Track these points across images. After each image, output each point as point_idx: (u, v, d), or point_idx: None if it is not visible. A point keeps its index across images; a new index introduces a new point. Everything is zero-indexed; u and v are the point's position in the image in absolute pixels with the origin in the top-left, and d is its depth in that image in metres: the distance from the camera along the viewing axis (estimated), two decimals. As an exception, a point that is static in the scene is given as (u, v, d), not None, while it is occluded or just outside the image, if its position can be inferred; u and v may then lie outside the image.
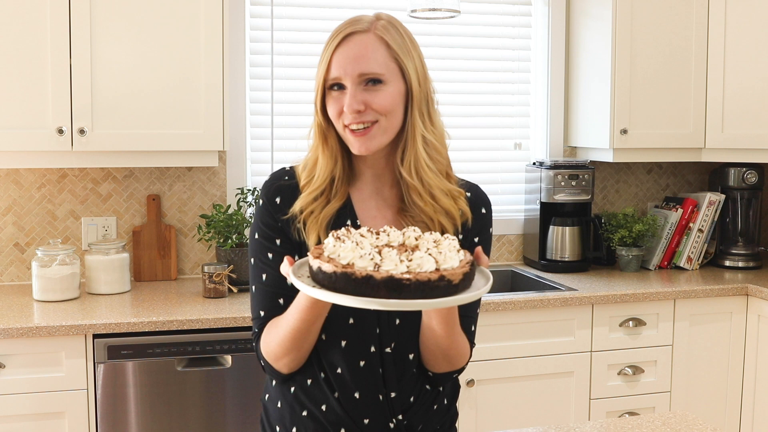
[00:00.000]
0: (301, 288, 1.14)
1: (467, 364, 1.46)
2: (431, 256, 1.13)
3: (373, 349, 1.40)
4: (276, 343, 1.37)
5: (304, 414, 1.43)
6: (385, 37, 1.37)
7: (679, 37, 3.11)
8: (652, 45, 3.09)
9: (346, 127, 1.37)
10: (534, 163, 3.31)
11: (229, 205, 2.94)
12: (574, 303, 2.76)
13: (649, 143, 3.12)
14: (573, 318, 2.79)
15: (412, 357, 1.43)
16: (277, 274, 1.38)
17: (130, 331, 2.37)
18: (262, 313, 1.42)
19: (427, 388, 1.47)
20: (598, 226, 3.26)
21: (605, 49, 3.08)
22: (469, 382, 2.67)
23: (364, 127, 1.36)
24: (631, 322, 2.85)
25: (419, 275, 1.09)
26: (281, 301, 1.40)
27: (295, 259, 1.27)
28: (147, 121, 2.62)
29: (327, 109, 1.39)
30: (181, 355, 2.42)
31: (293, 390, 1.45)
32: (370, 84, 1.36)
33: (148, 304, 2.58)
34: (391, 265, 1.10)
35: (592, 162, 3.29)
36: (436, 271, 1.11)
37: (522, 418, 2.75)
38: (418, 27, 3.16)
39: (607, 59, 3.07)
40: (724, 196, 3.31)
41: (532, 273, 3.18)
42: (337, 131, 1.41)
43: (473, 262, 1.19)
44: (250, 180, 3.11)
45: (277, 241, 1.42)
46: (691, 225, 3.27)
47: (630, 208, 3.28)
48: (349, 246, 1.14)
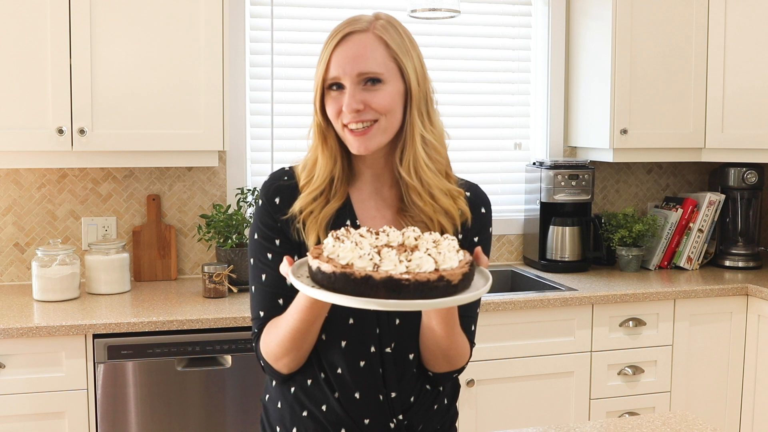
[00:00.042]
0: (301, 288, 1.14)
1: (467, 363, 1.46)
2: (430, 257, 1.13)
3: (373, 349, 1.40)
4: (276, 344, 1.37)
5: (304, 414, 1.43)
6: (384, 36, 1.37)
7: (679, 37, 3.11)
8: (652, 45, 3.09)
9: (345, 127, 1.37)
10: (534, 163, 3.31)
11: (229, 205, 2.94)
12: (574, 303, 2.76)
13: (649, 143, 3.12)
14: (573, 318, 2.79)
15: (412, 357, 1.43)
16: (276, 274, 1.38)
17: (130, 331, 2.37)
18: (262, 313, 1.42)
19: (428, 388, 1.47)
20: (598, 226, 3.26)
21: (605, 49, 3.08)
22: (469, 382, 2.67)
23: (364, 126, 1.36)
24: (631, 322, 2.85)
25: (418, 275, 1.09)
26: (281, 302, 1.40)
27: (295, 259, 1.27)
28: (147, 121, 2.62)
29: (326, 109, 1.39)
30: (181, 355, 2.42)
31: (293, 390, 1.44)
32: (369, 83, 1.36)
33: (148, 304, 2.58)
34: (391, 266, 1.10)
35: (592, 162, 3.29)
36: (435, 271, 1.11)
37: (522, 418, 2.75)
38: (418, 27, 3.16)
39: (607, 59, 3.07)
40: (724, 196, 3.31)
41: (532, 273, 3.18)
42: (337, 131, 1.40)
43: (473, 262, 1.19)
44: (250, 180, 3.11)
45: (277, 241, 1.42)
46: (691, 225, 3.27)
47: (630, 208, 3.28)
48: (349, 246, 1.14)
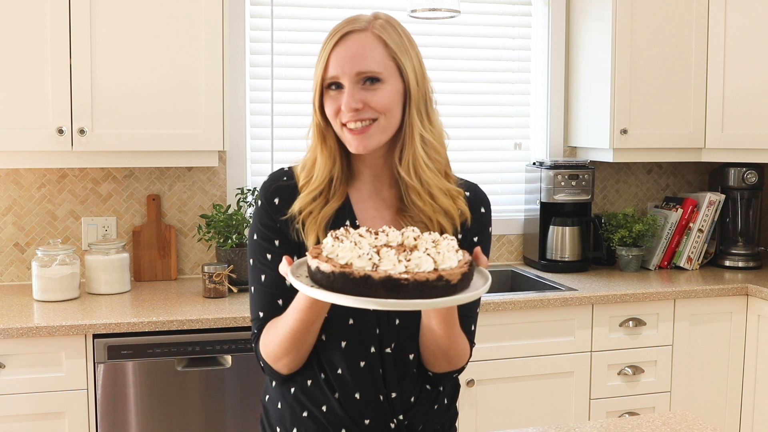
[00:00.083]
0: (300, 288, 1.14)
1: (467, 363, 1.46)
2: (429, 256, 1.13)
3: (373, 349, 1.40)
4: (275, 344, 1.37)
5: (304, 415, 1.43)
6: (382, 36, 1.37)
7: (679, 37, 3.11)
8: (652, 45, 3.08)
9: (344, 126, 1.37)
10: (534, 163, 3.31)
11: (229, 205, 2.94)
12: (574, 303, 2.76)
13: (649, 143, 3.12)
14: (573, 318, 2.79)
15: (413, 357, 1.42)
16: (276, 275, 1.37)
17: (130, 331, 2.37)
18: (261, 314, 1.42)
19: (428, 388, 1.47)
20: (598, 226, 3.26)
21: (605, 49, 3.08)
22: (469, 382, 2.67)
23: (362, 125, 1.36)
24: (631, 322, 2.84)
25: (417, 275, 1.09)
26: (280, 302, 1.40)
27: (294, 259, 1.27)
28: (147, 121, 2.62)
29: (325, 108, 1.39)
30: (181, 355, 2.42)
31: (293, 391, 1.44)
32: (368, 83, 1.36)
33: (148, 304, 2.58)
34: (390, 265, 1.09)
35: (592, 162, 3.29)
36: (434, 271, 1.11)
37: (522, 418, 2.75)
38: (418, 27, 3.16)
39: (607, 59, 3.07)
40: (724, 196, 3.31)
41: (532, 273, 3.18)
42: (335, 131, 1.40)
43: (472, 262, 1.19)
44: (250, 180, 3.11)
45: (276, 242, 1.41)
46: (691, 225, 3.27)
47: (630, 208, 3.28)
48: (348, 246, 1.14)
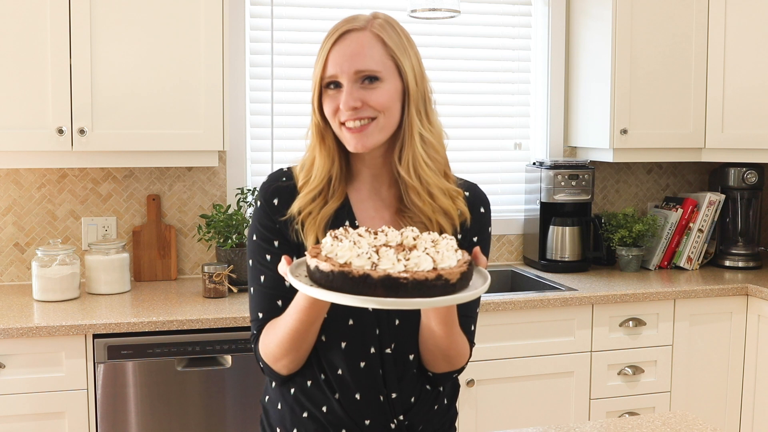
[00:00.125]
0: (298, 287, 1.14)
1: (467, 363, 1.46)
2: (429, 256, 1.13)
3: (373, 350, 1.40)
4: (275, 345, 1.36)
5: (304, 415, 1.43)
6: (381, 35, 1.37)
7: (679, 37, 3.10)
8: (652, 45, 3.08)
9: (343, 125, 1.37)
10: (534, 163, 3.31)
11: (229, 205, 2.94)
12: (574, 303, 2.76)
13: (649, 143, 3.12)
14: (573, 318, 2.79)
15: (413, 358, 1.42)
16: (275, 275, 1.37)
17: (130, 331, 2.37)
18: (261, 314, 1.41)
19: (428, 388, 1.46)
20: (598, 226, 3.26)
21: (605, 49, 3.08)
22: (469, 382, 2.67)
23: (361, 124, 1.35)
24: (631, 322, 2.84)
25: (416, 274, 1.08)
26: (280, 303, 1.39)
27: (293, 260, 1.27)
28: (147, 121, 2.62)
29: (324, 108, 1.39)
30: (181, 355, 2.42)
31: (293, 392, 1.44)
32: (367, 81, 1.36)
33: (148, 304, 2.58)
34: (389, 264, 1.09)
35: (592, 162, 3.29)
36: (433, 270, 1.11)
37: (522, 418, 2.75)
38: (418, 27, 3.16)
39: (607, 59, 3.07)
40: (724, 196, 3.31)
41: (532, 273, 3.18)
42: (334, 130, 1.40)
43: (471, 261, 1.19)
44: (250, 180, 3.11)
45: (276, 242, 1.41)
46: (691, 225, 3.27)
47: (630, 208, 3.28)
48: (347, 245, 1.14)
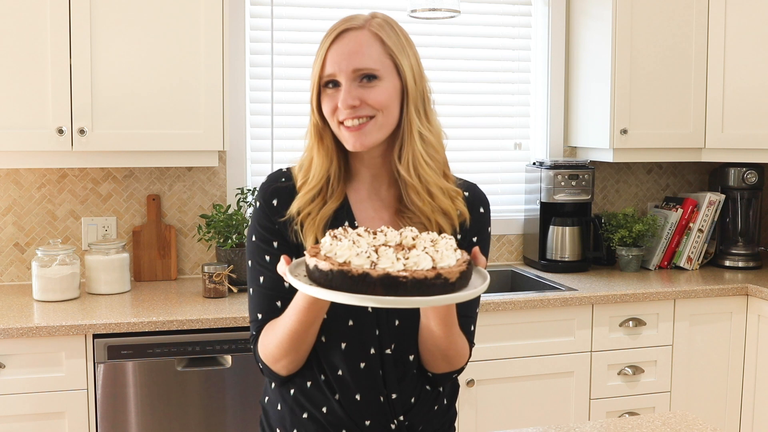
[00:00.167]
0: (298, 286, 1.14)
1: (467, 364, 1.46)
2: (428, 255, 1.13)
3: (373, 350, 1.39)
4: (274, 345, 1.36)
5: (304, 416, 1.43)
6: (380, 33, 1.37)
7: (679, 37, 3.10)
8: (652, 45, 3.08)
9: (341, 124, 1.37)
10: (534, 163, 3.31)
11: (229, 205, 2.94)
12: (574, 303, 2.76)
13: (649, 143, 3.12)
14: (573, 318, 2.79)
15: (413, 358, 1.42)
16: (274, 276, 1.37)
17: (130, 331, 2.37)
18: (260, 315, 1.41)
19: (428, 388, 1.46)
20: (598, 226, 3.26)
21: (605, 49, 3.08)
22: (469, 382, 2.67)
23: (359, 122, 1.35)
24: (631, 322, 2.84)
25: (416, 273, 1.08)
26: (279, 304, 1.39)
27: (292, 260, 1.27)
28: (147, 121, 2.63)
29: (322, 107, 1.39)
30: (181, 355, 2.42)
31: (293, 392, 1.44)
32: (365, 80, 1.36)
33: (148, 304, 2.58)
34: (388, 263, 1.09)
35: (592, 162, 3.29)
36: (432, 269, 1.10)
37: (522, 418, 2.75)
38: (418, 27, 3.16)
39: (607, 59, 3.07)
40: (724, 196, 3.31)
41: (532, 273, 3.18)
42: (333, 130, 1.39)
43: (470, 261, 1.19)
44: (250, 180, 3.11)
45: (275, 243, 1.41)
46: (691, 225, 3.27)
47: (630, 208, 3.28)
48: (346, 244, 1.14)
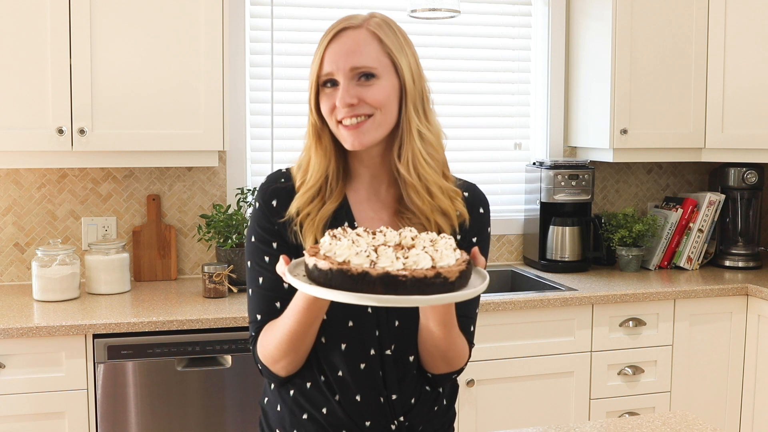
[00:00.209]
0: (297, 285, 1.14)
1: (466, 364, 1.45)
2: (427, 254, 1.13)
3: (372, 351, 1.39)
4: (273, 346, 1.36)
5: (304, 417, 1.43)
6: (378, 32, 1.37)
7: (679, 37, 3.10)
8: (652, 45, 3.08)
9: (339, 123, 1.37)
10: (534, 163, 3.31)
11: (229, 205, 2.94)
12: (574, 303, 2.76)
13: (649, 143, 3.12)
14: (573, 318, 2.79)
15: (413, 359, 1.42)
16: (274, 277, 1.37)
17: (130, 331, 2.37)
18: (259, 316, 1.41)
19: (428, 389, 1.46)
20: (598, 226, 3.26)
21: (605, 49, 3.08)
22: (469, 382, 2.67)
23: (357, 121, 1.35)
24: (631, 322, 2.84)
25: (415, 272, 1.08)
26: (278, 305, 1.39)
27: (292, 260, 1.27)
28: (147, 121, 2.63)
29: (320, 106, 1.39)
30: (181, 355, 2.42)
31: (292, 393, 1.44)
32: (363, 78, 1.35)
33: (148, 304, 2.58)
34: (387, 262, 1.09)
35: (592, 162, 3.29)
36: (432, 268, 1.10)
37: (522, 418, 2.75)
38: (418, 27, 3.16)
39: (607, 59, 3.07)
40: (724, 196, 3.31)
41: (532, 273, 3.18)
42: (331, 129, 1.39)
43: (470, 261, 1.19)
44: (250, 180, 3.11)
45: (274, 244, 1.41)
46: (691, 225, 3.27)
47: (630, 208, 3.28)
48: (346, 244, 1.14)
